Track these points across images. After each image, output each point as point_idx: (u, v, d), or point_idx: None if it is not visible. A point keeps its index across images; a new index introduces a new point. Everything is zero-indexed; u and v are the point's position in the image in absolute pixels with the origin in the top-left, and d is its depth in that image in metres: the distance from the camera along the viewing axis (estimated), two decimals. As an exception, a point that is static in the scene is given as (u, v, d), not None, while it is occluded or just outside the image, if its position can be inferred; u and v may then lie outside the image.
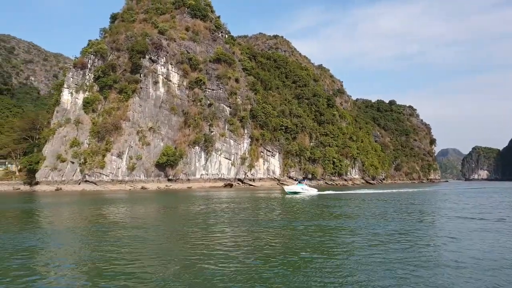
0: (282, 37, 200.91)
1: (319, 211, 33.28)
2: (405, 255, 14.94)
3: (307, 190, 60.93)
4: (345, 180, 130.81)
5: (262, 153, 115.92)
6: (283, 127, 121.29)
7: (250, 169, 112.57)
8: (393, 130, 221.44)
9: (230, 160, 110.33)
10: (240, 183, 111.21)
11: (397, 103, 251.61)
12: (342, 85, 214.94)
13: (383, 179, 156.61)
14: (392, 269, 12.83)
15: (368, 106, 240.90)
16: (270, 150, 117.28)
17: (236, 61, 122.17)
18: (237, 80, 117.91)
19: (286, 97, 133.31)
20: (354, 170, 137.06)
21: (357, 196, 56.16)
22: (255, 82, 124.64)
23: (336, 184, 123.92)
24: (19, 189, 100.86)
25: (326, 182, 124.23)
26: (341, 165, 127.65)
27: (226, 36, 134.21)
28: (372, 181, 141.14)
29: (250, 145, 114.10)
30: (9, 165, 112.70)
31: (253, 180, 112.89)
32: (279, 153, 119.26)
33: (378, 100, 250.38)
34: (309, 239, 18.69)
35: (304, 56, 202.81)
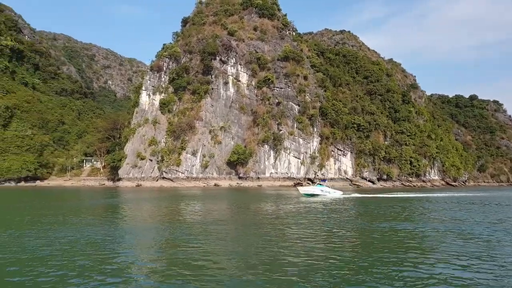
0: (349, 31, 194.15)
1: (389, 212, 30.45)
2: None
3: (328, 193, 53.59)
4: (423, 181, 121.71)
5: (332, 152, 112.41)
6: (355, 125, 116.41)
7: (320, 169, 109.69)
8: (475, 128, 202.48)
9: (299, 159, 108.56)
10: (310, 182, 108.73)
11: (479, 97, 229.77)
12: (415, 80, 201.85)
13: (465, 181, 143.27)
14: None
15: (444, 102, 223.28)
16: (342, 149, 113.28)
17: (304, 58, 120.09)
18: (305, 78, 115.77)
19: (357, 93, 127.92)
20: (433, 171, 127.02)
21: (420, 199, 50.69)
22: (324, 79, 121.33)
23: (414, 186, 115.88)
24: (104, 184, 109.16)
25: (402, 183, 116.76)
26: (419, 165, 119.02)
27: (294, 33, 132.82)
28: (453, 183, 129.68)
29: (320, 143, 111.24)
30: (94, 162, 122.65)
31: (324, 180, 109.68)
32: (351, 152, 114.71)
33: (456, 95, 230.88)
34: (397, 242, 16.62)
35: (373, 50, 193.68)
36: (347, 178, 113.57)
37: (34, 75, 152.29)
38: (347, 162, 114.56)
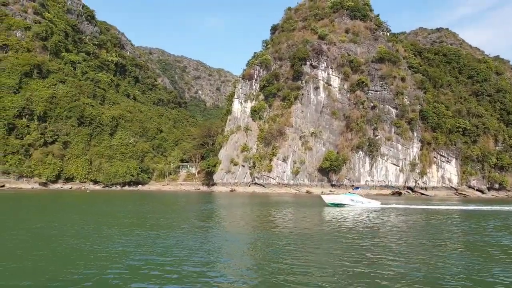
0: (447, 29, 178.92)
1: None
2: None
3: (360, 202, 45.54)
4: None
5: (435, 159, 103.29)
6: (460, 129, 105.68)
7: (422, 176, 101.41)
8: None
9: (398, 166, 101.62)
10: (409, 191, 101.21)
11: None
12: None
13: None
14: None
15: None
16: (445, 155, 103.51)
17: (400, 59, 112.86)
18: (403, 79, 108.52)
19: (461, 94, 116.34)
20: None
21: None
22: (424, 80, 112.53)
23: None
24: (199, 189, 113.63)
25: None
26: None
27: (388, 34, 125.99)
28: None
29: (421, 149, 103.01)
30: (190, 168, 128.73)
31: (425, 188, 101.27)
32: (456, 158, 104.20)
33: None
34: None
35: (475, 47, 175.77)
36: (451, 186, 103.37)
37: (135, 87, 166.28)
38: (451, 170, 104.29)
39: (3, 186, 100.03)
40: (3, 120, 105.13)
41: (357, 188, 54.17)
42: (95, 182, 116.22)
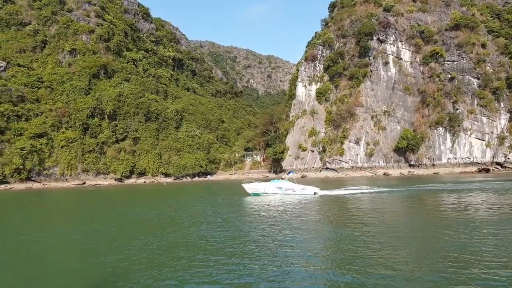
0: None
1: None
2: None
3: (291, 190, 37.99)
4: None
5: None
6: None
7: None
8: None
9: (483, 140, 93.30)
10: (499, 167, 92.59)
11: None
12: None
13: None
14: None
15: None
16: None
17: (479, 24, 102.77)
18: (483, 46, 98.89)
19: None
20: None
21: None
22: (508, 44, 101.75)
23: None
24: (268, 176, 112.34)
25: None
26: None
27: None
28: None
29: (510, 121, 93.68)
30: (254, 156, 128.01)
31: (290, 172, 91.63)
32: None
33: None
34: None
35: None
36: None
37: (193, 80, 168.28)
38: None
39: (84, 183, 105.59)
40: (78, 121, 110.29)
41: (290, 172, 47.84)
42: (166, 175, 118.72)
